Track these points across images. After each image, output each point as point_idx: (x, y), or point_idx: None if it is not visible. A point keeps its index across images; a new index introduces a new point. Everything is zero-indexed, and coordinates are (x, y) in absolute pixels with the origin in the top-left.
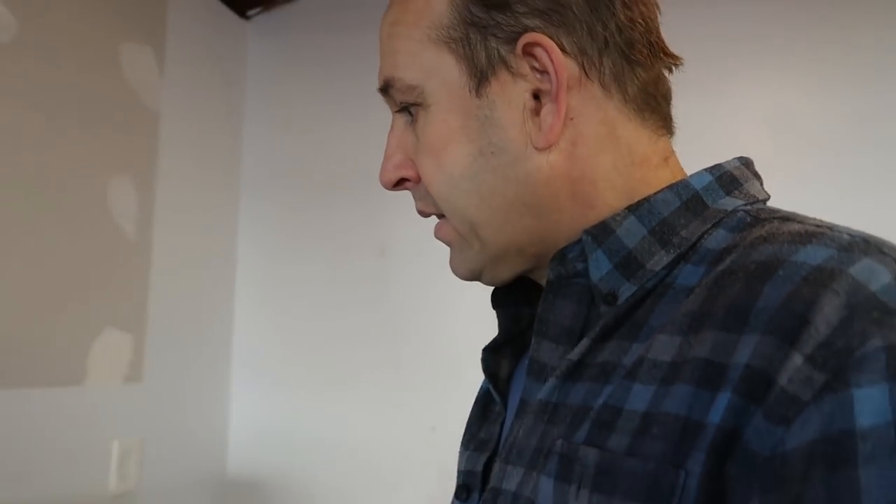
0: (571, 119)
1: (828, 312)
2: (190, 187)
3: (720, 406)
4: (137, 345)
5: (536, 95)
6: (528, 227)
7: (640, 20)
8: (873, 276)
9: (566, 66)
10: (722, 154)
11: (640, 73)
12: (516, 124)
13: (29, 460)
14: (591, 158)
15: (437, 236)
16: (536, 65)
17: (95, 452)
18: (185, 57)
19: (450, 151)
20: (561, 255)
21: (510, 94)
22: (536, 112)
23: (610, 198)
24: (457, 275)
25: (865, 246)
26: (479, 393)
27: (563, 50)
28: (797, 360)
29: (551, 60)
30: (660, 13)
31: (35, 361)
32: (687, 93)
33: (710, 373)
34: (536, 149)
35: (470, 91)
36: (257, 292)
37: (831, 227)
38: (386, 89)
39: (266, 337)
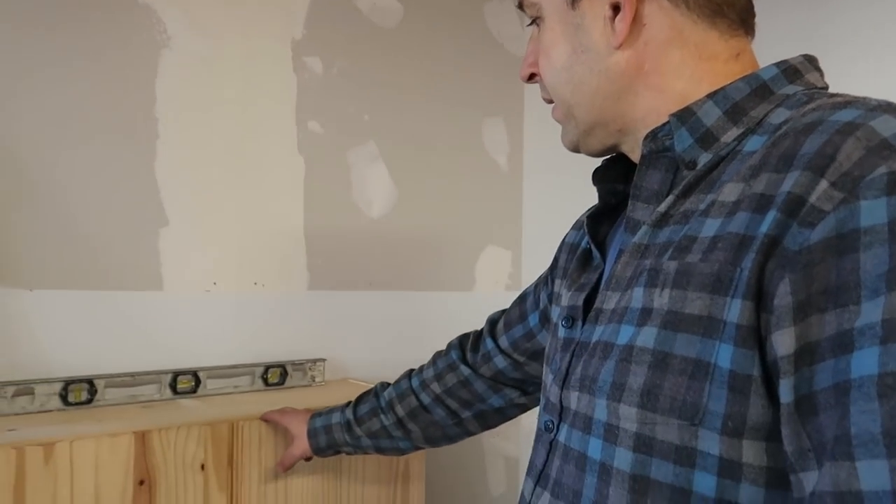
0: (644, 25)
1: (850, 152)
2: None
3: (768, 221)
4: (515, 259)
5: (616, 7)
6: (610, 108)
7: None
8: (887, 126)
9: None
10: None
11: None
12: (598, 29)
13: (430, 348)
14: (661, 55)
15: (552, 117)
16: None
17: None
18: None
19: (554, 51)
20: (653, 134)
21: (595, 7)
22: (613, 20)
23: (678, 86)
24: (564, 146)
25: (886, 107)
26: (577, 252)
27: None
28: (824, 185)
29: None
30: None
31: (436, 271)
32: None
33: (763, 202)
34: (614, 48)
35: (568, 5)
36: None
37: (865, 98)
38: (521, 6)
39: None
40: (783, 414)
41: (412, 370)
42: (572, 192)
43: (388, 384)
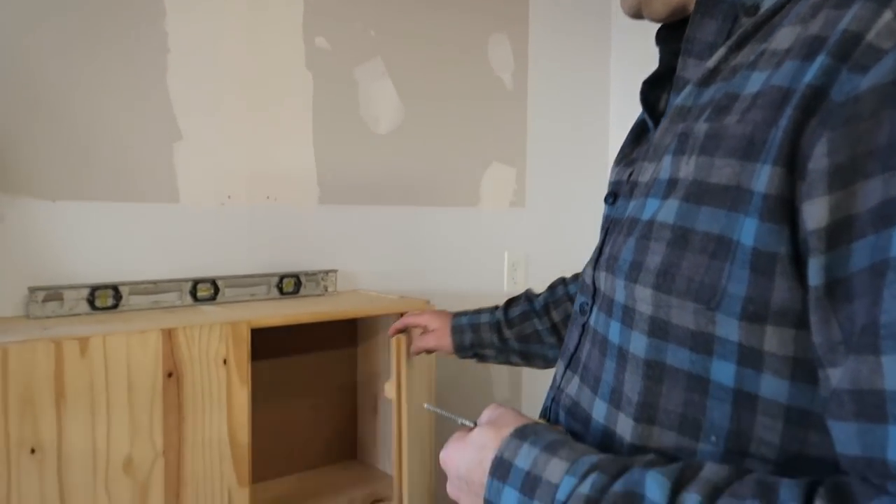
0: None
1: None
2: (561, 38)
3: (815, 67)
4: (519, 176)
5: None
6: None
7: None
8: None
9: None
10: None
11: None
12: None
13: (437, 261)
14: None
15: None
16: None
17: (491, 260)
18: None
19: None
20: None
21: None
22: None
23: None
24: (624, 12)
25: None
26: (634, 123)
27: None
28: (888, 16)
29: None
30: None
31: (441, 186)
32: None
33: (815, 45)
34: None
35: None
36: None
37: None
38: None
39: None
40: (811, 299)
41: (564, 278)
42: (576, 109)
43: (536, 293)
